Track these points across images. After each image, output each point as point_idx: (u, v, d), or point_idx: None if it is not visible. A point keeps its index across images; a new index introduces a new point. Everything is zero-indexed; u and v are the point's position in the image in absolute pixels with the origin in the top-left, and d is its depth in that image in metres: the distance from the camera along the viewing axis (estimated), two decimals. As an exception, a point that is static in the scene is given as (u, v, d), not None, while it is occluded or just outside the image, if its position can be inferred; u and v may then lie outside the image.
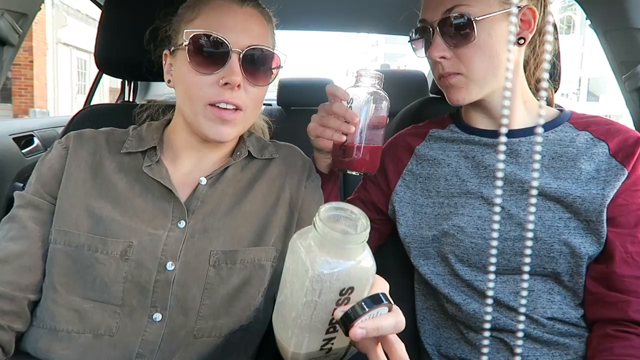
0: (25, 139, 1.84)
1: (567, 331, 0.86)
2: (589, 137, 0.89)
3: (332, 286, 0.50)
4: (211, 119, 0.78)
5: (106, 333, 0.73)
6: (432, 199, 0.96)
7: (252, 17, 0.81)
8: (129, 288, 0.73)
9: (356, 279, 0.51)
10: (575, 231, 0.84)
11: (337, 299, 0.51)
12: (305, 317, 0.52)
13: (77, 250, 0.74)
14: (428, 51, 0.89)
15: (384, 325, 0.50)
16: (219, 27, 0.77)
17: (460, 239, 0.90)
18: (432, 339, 0.99)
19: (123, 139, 0.86)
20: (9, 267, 0.73)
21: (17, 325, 0.73)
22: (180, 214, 0.79)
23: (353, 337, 0.49)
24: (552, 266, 0.84)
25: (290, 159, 0.91)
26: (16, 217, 0.78)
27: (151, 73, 0.99)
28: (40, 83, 11.49)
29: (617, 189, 0.83)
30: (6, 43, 1.19)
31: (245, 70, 0.78)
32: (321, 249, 0.50)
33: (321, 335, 0.54)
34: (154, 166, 0.81)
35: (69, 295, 0.73)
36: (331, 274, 0.49)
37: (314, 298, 0.50)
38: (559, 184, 0.86)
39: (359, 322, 0.49)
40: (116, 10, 1.13)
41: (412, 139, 1.04)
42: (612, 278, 0.82)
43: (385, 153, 1.03)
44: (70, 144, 0.83)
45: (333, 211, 0.53)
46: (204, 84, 0.77)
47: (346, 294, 0.51)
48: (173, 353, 0.74)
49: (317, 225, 0.50)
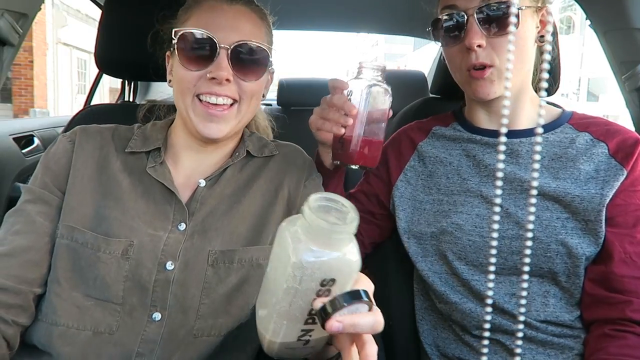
0: (25, 139, 1.84)
1: (561, 332, 0.86)
2: (589, 137, 0.89)
3: (314, 275, 0.50)
4: (200, 115, 0.79)
5: (106, 331, 0.73)
6: (432, 196, 0.96)
7: (242, 14, 0.82)
8: (129, 287, 0.74)
9: (338, 271, 0.51)
10: (572, 231, 0.84)
11: (317, 289, 0.51)
12: (284, 304, 0.51)
13: (82, 247, 0.75)
14: (465, 39, 0.84)
15: (361, 322, 0.50)
16: (209, 25, 0.78)
17: (458, 237, 0.90)
18: (430, 339, 0.99)
19: (128, 136, 0.86)
20: (15, 261, 0.74)
21: (22, 320, 0.74)
22: (181, 216, 0.79)
23: (329, 329, 0.48)
24: (548, 266, 0.84)
25: (290, 156, 0.91)
26: (24, 211, 0.78)
27: (157, 74, 0.99)
28: (40, 83, 11.49)
29: (615, 188, 0.83)
30: (6, 43, 1.19)
31: (234, 65, 0.78)
32: (307, 236, 0.50)
33: (299, 325, 0.53)
34: (158, 167, 0.82)
35: (72, 291, 0.74)
36: (313, 262, 0.49)
37: (294, 285, 0.50)
38: (558, 183, 0.86)
39: (337, 315, 0.49)
40: (116, 11, 1.14)
41: (415, 134, 1.04)
42: (611, 278, 0.82)
43: (389, 147, 1.03)
44: (76, 139, 0.83)
45: (324, 201, 0.52)
46: (194, 78, 0.78)
47: (327, 286, 0.51)
48: (173, 352, 0.74)
49: (305, 213, 0.50)
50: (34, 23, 1.31)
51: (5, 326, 0.71)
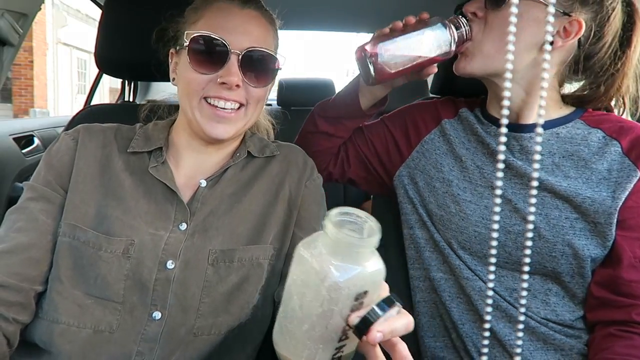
0: (25, 139, 1.85)
1: (562, 330, 0.86)
2: (601, 135, 0.87)
3: (350, 292, 0.49)
4: (207, 116, 0.79)
5: (106, 329, 0.73)
6: (443, 174, 0.96)
7: (253, 19, 0.81)
8: (130, 286, 0.74)
9: (370, 283, 0.50)
10: (580, 232, 0.83)
11: (352, 304, 0.50)
12: (319, 328, 0.50)
13: (84, 246, 0.75)
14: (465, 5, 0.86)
15: (398, 326, 0.50)
16: (219, 28, 0.78)
17: (464, 226, 0.90)
18: (430, 332, 0.99)
19: (130, 136, 0.86)
20: (16, 259, 0.74)
21: (22, 317, 0.74)
22: (182, 216, 0.79)
23: (372, 341, 0.48)
24: (552, 265, 0.84)
25: (291, 156, 0.91)
26: (26, 209, 0.77)
27: (159, 72, 0.99)
28: (40, 83, 11.49)
29: (628, 190, 0.82)
30: (6, 43, 1.19)
31: (244, 71, 0.78)
32: (334, 255, 0.49)
33: (334, 344, 0.52)
34: (160, 167, 0.82)
35: (73, 289, 0.74)
36: (348, 280, 0.48)
37: (330, 307, 0.49)
38: (569, 183, 0.85)
39: (376, 325, 0.48)
40: (116, 11, 1.13)
41: (444, 110, 1.04)
42: (619, 283, 0.81)
43: (415, 111, 1.05)
44: (79, 137, 0.83)
45: (343, 216, 0.51)
46: (203, 81, 0.78)
47: (360, 299, 0.50)
48: (173, 351, 0.74)
49: (328, 231, 0.49)
50: (34, 23, 1.31)
51: (6, 324, 0.71)
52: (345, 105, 1.00)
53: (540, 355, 0.86)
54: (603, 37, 0.84)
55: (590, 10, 0.82)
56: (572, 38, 0.82)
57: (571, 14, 0.81)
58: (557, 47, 0.83)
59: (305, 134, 1.07)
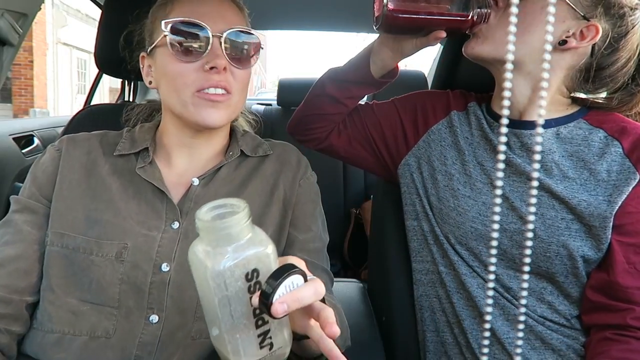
0: (25, 139, 1.85)
1: (559, 330, 0.86)
2: (603, 135, 0.86)
3: (235, 274, 0.49)
4: (201, 105, 0.77)
5: (103, 335, 0.72)
6: (446, 167, 0.96)
7: (224, 4, 0.81)
8: (125, 290, 0.73)
9: (255, 259, 0.50)
10: (576, 234, 0.82)
11: (246, 286, 0.50)
12: (226, 318, 0.50)
13: (74, 253, 0.74)
14: None
15: (304, 294, 0.50)
16: (194, 14, 0.77)
17: (461, 222, 0.90)
18: (432, 326, 1.00)
19: (116, 140, 0.86)
20: (4, 271, 0.73)
21: (16, 328, 0.73)
22: (173, 215, 0.78)
23: (275, 314, 0.48)
24: (546, 265, 0.84)
25: (284, 156, 0.91)
26: (12, 221, 0.78)
27: None
28: (40, 83, 11.49)
29: (626, 194, 0.80)
30: (6, 43, 1.19)
31: (228, 53, 0.77)
32: (208, 244, 0.49)
33: (253, 332, 0.52)
34: (147, 167, 0.81)
35: (66, 297, 0.73)
36: (224, 262, 0.48)
37: (223, 294, 0.49)
38: (566, 184, 0.84)
39: (278, 298, 0.48)
40: (116, 11, 1.13)
41: (455, 101, 1.03)
42: (615, 288, 0.80)
43: (426, 98, 1.05)
44: (63, 147, 0.83)
45: (213, 211, 0.51)
46: (190, 71, 0.76)
47: (254, 279, 0.50)
48: (171, 354, 0.74)
49: (197, 225, 0.49)
50: (34, 23, 1.31)
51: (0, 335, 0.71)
52: (356, 68, 0.99)
53: (538, 355, 0.86)
54: (617, 50, 0.83)
55: (610, 21, 0.81)
56: (587, 42, 0.81)
57: (591, 19, 0.80)
58: (570, 48, 0.82)
59: (312, 97, 1.06)
